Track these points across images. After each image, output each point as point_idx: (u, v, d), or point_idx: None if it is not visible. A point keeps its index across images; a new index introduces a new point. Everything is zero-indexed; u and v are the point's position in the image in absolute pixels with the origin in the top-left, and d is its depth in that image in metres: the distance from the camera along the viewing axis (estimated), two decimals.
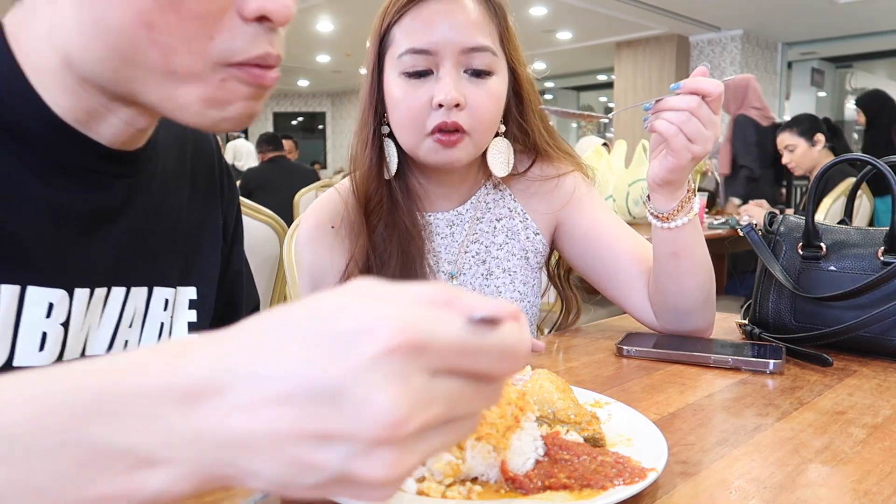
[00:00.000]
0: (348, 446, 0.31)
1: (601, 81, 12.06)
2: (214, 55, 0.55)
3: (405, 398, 0.31)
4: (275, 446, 0.31)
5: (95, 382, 0.33)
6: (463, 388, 0.33)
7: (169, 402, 0.32)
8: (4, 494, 0.32)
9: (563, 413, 0.61)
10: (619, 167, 3.46)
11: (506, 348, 0.34)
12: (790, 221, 1.08)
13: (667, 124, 0.90)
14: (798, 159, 3.78)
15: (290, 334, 0.32)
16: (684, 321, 1.05)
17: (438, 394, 0.32)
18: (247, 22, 0.55)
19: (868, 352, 0.96)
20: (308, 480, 0.32)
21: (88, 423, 0.32)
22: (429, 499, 0.50)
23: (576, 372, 0.90)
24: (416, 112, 1.02)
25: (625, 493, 0.50)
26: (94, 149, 0.63)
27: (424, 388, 0.32)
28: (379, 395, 0.30)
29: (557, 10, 7.76)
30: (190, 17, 0.53)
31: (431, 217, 1.15)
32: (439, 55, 1.01)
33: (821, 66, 9.97)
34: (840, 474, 0.58)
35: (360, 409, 0.31)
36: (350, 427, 0.31)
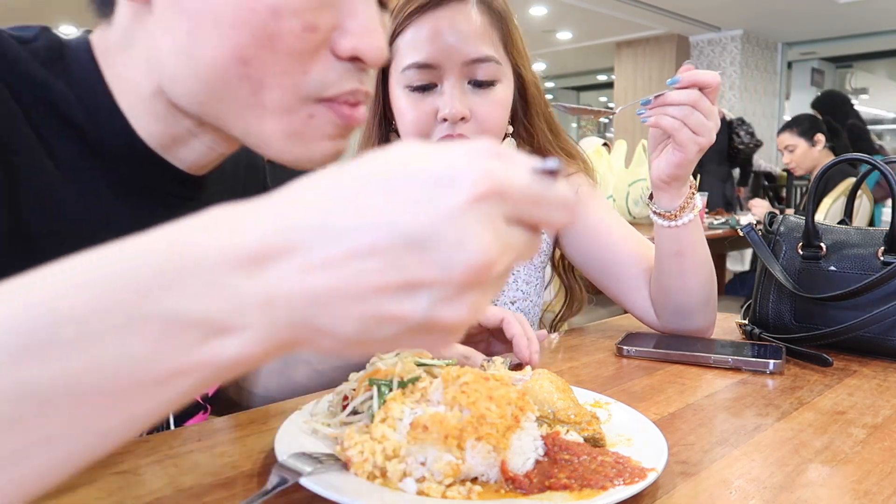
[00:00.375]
0: (437, 292, 0.31)
1: (601, 81, 12.06)
2: (306, 90, 0.55)
3: (494, 242, 0.32)
4: (358, 300, 0.31)
5: (158, 254, 0.32)
6: (527, 237, 0.35)
7: (234, 267, 0.31)
8: (82, 381, 0.31)
9: (563, 413, 0.61)
10: (619, 167, 3.46)
11: (565, 198, 0.35)
12: (790, 221, 1.08)
13: (671, 119, 0.90)
14: (798, 159, 3.78)
15: (367, 185, 0.32)
16: (686, 321, 1.05)
17: (513, 240, 0.33)
18: (339, 60, 0.55)
19: (868, 352, 0.96)
20: (386, 332, 0.32)
21: (155, 297, 0.31)
22: (429, 499, 0.50)
23: (576, 372, 0.90)
24: (422, 125, 1.03)
25: (625, 493, 0.50)
26: (171, 172, 0.64)
27: (505, 234, 0.33)
28: (473, 239, 0.31)
29: (557, 10, 7.76)
30: (286, 53, 0.53)
31: None
32: (442, 68, 1.01)
33: (821, 66, 9.97)
34: (840, 474, 0.58)
35: (454, 254, 0.31)
36: (441, 273, 0.31)
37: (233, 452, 0.62)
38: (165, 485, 0.55)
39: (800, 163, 3.79)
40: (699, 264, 1.01)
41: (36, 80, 0.58)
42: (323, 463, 0.54)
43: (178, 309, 0.31)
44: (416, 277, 0.31)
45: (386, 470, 0.52)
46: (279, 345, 0.33)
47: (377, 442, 0.54)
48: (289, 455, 0.54)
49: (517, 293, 1.16)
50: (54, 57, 0.60)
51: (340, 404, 0.63)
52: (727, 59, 8.58)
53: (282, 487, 0.49)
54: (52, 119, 0.59)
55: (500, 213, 0.33)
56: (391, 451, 0.53)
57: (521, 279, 1.16)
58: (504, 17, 1.08)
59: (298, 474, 0.51)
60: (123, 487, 0.54)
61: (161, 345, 0.31)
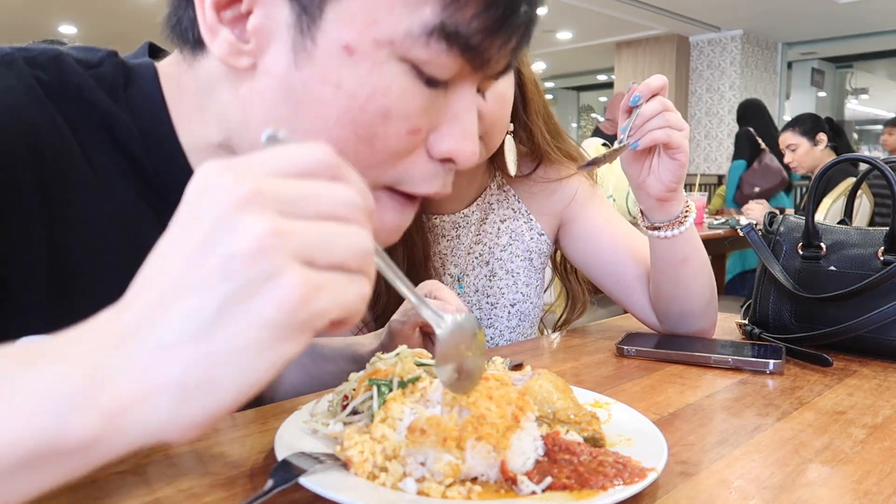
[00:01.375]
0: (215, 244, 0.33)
1: (601, 81, 12.06)
2: (386, 179, 0.55)
3: (264, 217, 0.33)
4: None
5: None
6: (321, 225, 0.35)
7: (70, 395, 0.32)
8: None
9: (563, 413, 0.61)
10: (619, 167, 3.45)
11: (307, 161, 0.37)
12: (790, 221, 1.08)
13: (659, 131, 0.90)
14: (800, 159, 3.78)
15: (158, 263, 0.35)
16: (690, 324, 1.05)
17: (295, 222, 0.34)
18: (431, 160, 0.55)
19: (868, 352, 0.96)
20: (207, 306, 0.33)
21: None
22: (429, 499, 0.50)
23: (576, 372, 0.90)
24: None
25: (625, 493, 0.50)
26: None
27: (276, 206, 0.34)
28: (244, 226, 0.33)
29: (557, 10, 7.75)
30: (382, 150, 0.52)
31: (437, 220, 1.14)
32: None
33: (821, 66, 9.97)
34: (840, 474, 0.58)
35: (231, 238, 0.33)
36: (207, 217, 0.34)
37: (233, 452, 0.62)
38: (165, 485, 0.55)
39: (802, 162, 3.79)
40: (701, 268, 1.01)
41: (98, 109, 0.57)
42: (323, 463, 0.54)
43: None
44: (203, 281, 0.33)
45: (386, 470, 0.52)
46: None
47: (377, 442, 0.54)
48: (289, 455, 0.54)
49: (517, 295, 1.15)
50: (119, 84, 0.59)
51: (340, 404, 0.63)
52: (727, 59, 8.58)
53: (282, 487, 0.49)
54: (112, 150, 0.57)
55: (259, 194, 0.34)
56: (391, 451, 0.53)
57: (520, 281, 1.16)
58: None
59: (298, 474, 0.51)
60: (123, 487, 0.54)
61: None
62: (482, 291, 1.15)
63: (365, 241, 0.37)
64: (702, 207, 3.74)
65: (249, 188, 0.34)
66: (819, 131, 3.74)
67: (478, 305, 1.16)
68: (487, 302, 1.15)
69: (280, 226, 0.33)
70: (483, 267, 1.15)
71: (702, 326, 1.05)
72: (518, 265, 1.16)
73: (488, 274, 1.15)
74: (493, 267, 1.15)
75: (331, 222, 0.36)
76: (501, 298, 1.15)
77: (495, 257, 1.15)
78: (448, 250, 1.14)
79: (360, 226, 0.37)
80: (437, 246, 1.14)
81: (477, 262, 1.15)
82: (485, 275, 1.15)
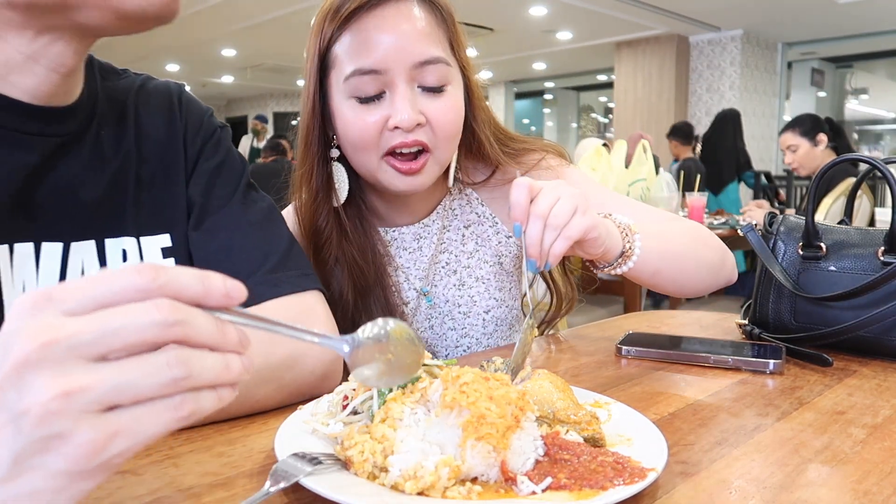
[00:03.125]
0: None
1: (601, 81, 12.05)
2: None
3: (26, 327, 0.35)
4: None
5: None
6: (126, 365, 0.36)
7: None
8: None
9: (563, 413, 0.61)
10: (619, 167, 3.46)
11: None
12: (790, 221, 1.08)
13: (557, 244, 0.80)
14: (801, 159, 3.77)
15: None
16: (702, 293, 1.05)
17: (93, 373, 0.35)
18: None
19: (868, 352, 0.96)
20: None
21: None
22: (429, 499, 0.50)
23: (576, 372, 0.90)
24: (371, 135, 0.94)
25: (625, 493, 0.50)
26: (13, 105, 0.63)
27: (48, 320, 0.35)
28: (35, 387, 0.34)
29: (557, 10, 7.75)
30: None
31: (396, 233, 1.10)
32: (389, 73, 0.92)
33: (821, 66, 9.97)
34: (840, 474, 0.58)
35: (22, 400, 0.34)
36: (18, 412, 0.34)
37: (233, 452, 0.62)
38: (165, 485, 0.55)
39: (802, 163, 3.78)
40: (683, 261, 0.99)
41: None
42: (323, 463, 0.54)
43: None
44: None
45: (386, 470, 0.52)
46: None
47: (377, 442, 0.54)
48: (289, 455, 0.54)
49: (490, 301, 1.11)
50: None
51: (340, 404, 0.63)
52: (727, 59, 8.58)
53: (282, 487, 0.49)
54: None
55: (60, 360, 0.34)
56: (391, 451, 0.53)
57: (492, 287, 1.11)
58: (448, 15, 0.99)
59: (298, 474, 0.51)
60: (123, 487, 0.54)
61: None
62: (453, 301, 1.10)
63: (177, 366, 0.36)
64: (701, 207, 3.74)
65: (40, 342, 0.34)
66: (819, 132, 3.74)
67: (450, 316, 1.10)
68: (460, 312, 1.10)
69: (68, 386, 0.34)
70: (451, 276, 1.10)
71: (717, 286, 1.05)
72: (488, 271, 1.11)
73: (457, 283, 1.10)
74: (461, 276, 1.10)
75: (139, 358, 0.36)
76: (474, 307, 1.10)
77: (462, 265, 1.10)
78: (411, 263, 1.10)
79: (184, 343, 0.37)
80: (399, 259, 1.09)
81: (444, 271, 1.10)
82: (454, 284, 1.10)
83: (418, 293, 1.10)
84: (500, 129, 1.11)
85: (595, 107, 13.29)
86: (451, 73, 0.97)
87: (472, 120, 1.05)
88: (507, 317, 1.14)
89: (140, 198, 0.76)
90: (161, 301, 0.37)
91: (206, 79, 11.77)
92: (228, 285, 0.39)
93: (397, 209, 1.10)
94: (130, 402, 0.36)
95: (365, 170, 0.99)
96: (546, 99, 13.47)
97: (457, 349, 1.12)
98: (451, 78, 0.97)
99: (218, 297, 0.38)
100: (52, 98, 0.66)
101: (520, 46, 9.44)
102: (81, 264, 0.70)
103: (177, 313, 0.37)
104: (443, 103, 0.96)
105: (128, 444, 0.36)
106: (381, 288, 1.06)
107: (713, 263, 1.05)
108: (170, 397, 0.37)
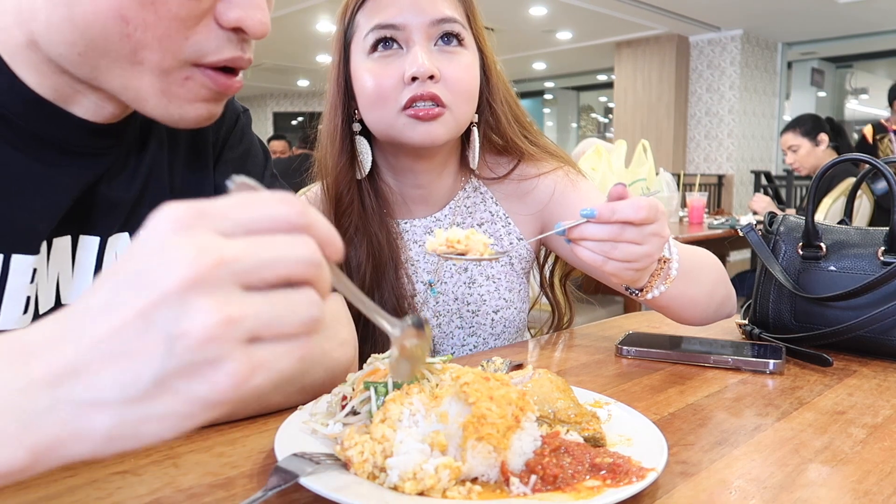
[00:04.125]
0: (164, 311, 0.33)
1: (601, 81, 12.06)
2: (185, 54, 0.57)
3: (193, 244, 0.33)
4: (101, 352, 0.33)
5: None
6: (278, 297, 0.35)
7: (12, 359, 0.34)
8: None
9: (563, 413, 0.61)
10: (619, 167, 3.45)
11: (277, 200, 0.36)
12: (790, 221, 1.08)
13: (590, 254, 0.79)
14: (802, 159, 3.77)
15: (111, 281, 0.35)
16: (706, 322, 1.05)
17: (236, 248, 0.34)
18: (222, 29, 0.57)
19: (868, 352, 0.96)
20: (145, 377, 0.33)
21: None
22: (429, 499, 0.50)
23: (576, 372, 0.90)
24: (388, 90, 0.97)
25: (625, 493, 0.50)
26: (77, 124, 0.64)
27: (217, 242, 0.34)
28: (169, 252, 0.33)
29: (557, 10, 7.75)
30: (168, 17, 0.54)
31: (408, 225, 1.11)
32: (407, 29, 0.97)
33: (821, 66, 9.97)
34: (840, 474, 0.58)
35: (158, 270, 0.33)
36: (157, 286, 0.33)
37: (233, 452, 0.62)
38: (165, 485, 0.55)
39: (803, 163, 3.78)
40: (696, 300, 0.98)
41: None
42: (323, 463, 0.54)
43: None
44: (141, 301, 0.33)
45: (386, 469, 0.52)
46: (39, 444, 0.33)
47: (377, 442, 0.54)
48: (288, 455, 0.54)
49: (499, 302, 1.11)
50: None
51: (339, 404, 0.63)
52: (727, 59, 8.58)
53: (282, 487, 0.49)
54: None
55: (207, 227, 0.34)
56: (391, 451, 0.53)
57: (503, 287, 1.11)
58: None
59: (298, 474, 0.51)
60: (123, 487, 0.54)
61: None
62: (462, 299, 1.10)
63: (314, 306, 0.36)
64: (701, 207, 3.74)
65: (206, 264, 0.33)
66: (820, 132, 3.74)
67: (458, 314, 1.11)
68: (468, 310, 1.11)
69: (231, 313, 0.33)
70: (461, 273, 1.10)
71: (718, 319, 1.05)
72: (498, 270, 1.11)
73: (467, 281, 1.10)
74: (471, 273, 1.10)
75: (284, 292, 0.36)
76: (483, 305, 1.11)
77: (473, 263, 1.10)
78: (420, 256, 1.10)
79: (314, 287, 0.37)
80: (409, 252, 1.10)
81: (454, 268, 1.10)
82: (464, 282, 1.10)
83: (425, 285, 1.11)
84: (519, 109, 1.12)
85: (595, 107, 13.29)
86: (467, 38, 1.01)
87: (488, 95, 1.07)
88: (516, 319, 1.14)
89: (174, 184, 0.76)
90: (308, 239, 0.36)
91: None
92: (339, 243, 0.39)
93: (411, 196, 1.11)
94: (273, 336, 0.35)
95: (383, 127, 1.00)
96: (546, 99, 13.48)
97: (463, 348, 1.12)
98: (467, 43, 1.01)
99: (335, 250, 0.39)
100: (109, 119, 0.67)
101: (520, 46, 9.44)
102: (115, 257, 0.71)
103: (319, 255, 0.37)
104: (458, 62, 0.99)
105: (262, 379, 0.35)
106: (395, 271, 1.07)
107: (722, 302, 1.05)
108: (304, 336, 0.36)
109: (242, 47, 0.59)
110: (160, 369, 0.33)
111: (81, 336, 0.34)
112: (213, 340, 0.33)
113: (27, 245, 0.62)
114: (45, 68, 0.60)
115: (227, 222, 0.35)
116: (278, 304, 0.35)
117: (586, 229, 0.78)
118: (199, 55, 0.57)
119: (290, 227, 0.36)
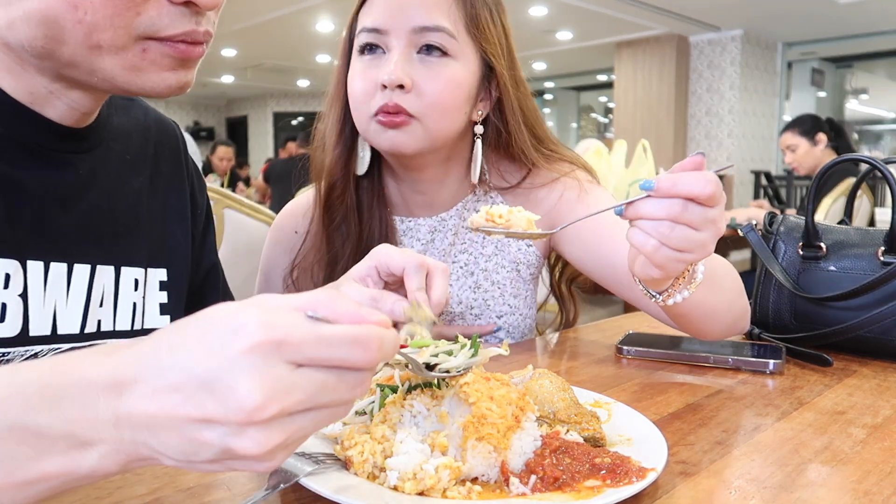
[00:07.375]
0: (224, 427, 0.37)
1: (601, 81, 12.05)
2: (138, 29, 0.58)
3: (263, 386, 0.36)
4: (172, 426, 0.37)
5: (40, 375, 0.39)
6: (325, 378, 0.39)
7: (98, 391, 0.38)
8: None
9: (563, 413, 0.61)
10: (620, 167, 3.46)
11: (353, 338, 0.39)
12: (790, 221, 1.08)
13: (643, 236, 0.68)
14: (800, 159, 3.77)
15: (188, 333, 0.39)
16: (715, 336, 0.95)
17: (300, 382, 0.38)
18: (173, 4, 0.59)
19: (868, 352, 0.96)
20: (203, 456, 0.38)
21: (34, 411, 0.38)
22: (429, 499, 0.50)
23: (576, 372, 0.90)
24: (365, 93, 0.98)
25: (625, 493, 0.50)
26: (48, 126, 0.65)
27: (285, 378, 0.37)
28: (242, 384, 0.36)
29: (557, 10, 7.75)
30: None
31: (412, 223, 1.11)
32: (390, 34, 0.97)
33: (821, 66, 9.96)
34: (840, 474, 0.58)
35: (229, 396, 0.36)
36: (223, 411, 0.37)
37: None
38: (165, 485, 0.55)
39: (802, 162, 3.78)
40: (715, 308, 0.88)
41: None
42: (323, 463, 0.54)
43: (51, 423, 0.38)
44: (207, 413, 0.37)
45: (386, 469, 0.52)
46: (129, 459, 0.39)
47: (377, 442, 0.54)
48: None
49: (504, 307, 1.10)
50: None
51: None
52: (727, 59, 8.57)
53: (282, 487, 0.49)
54: None
55: (281, 358, 0.37)
56: (391, 451, 0.53)
57: (507, 293, 1.10)
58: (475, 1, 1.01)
59: (298, 474, 0.51)
60: (123, 487, 0.54)
61: (32, 451, 0.38)
62: (466, 304, 1.09)
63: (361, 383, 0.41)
64: None
65: (270, 411, 0.37)
66: (819, 131, 3.73)
67: (462, 318, 1.10)
68: (472, 314, 1.10)
69: (283, 441, 0.38)
70: (467, 278, 1.10)
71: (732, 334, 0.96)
72: (505, 276, 1.10)
73: (473, 285, 1.09)
74: (477, 278, 1.09)
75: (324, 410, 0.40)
76: (487, 310, 1.10)
77: (480, 268, 1.10)
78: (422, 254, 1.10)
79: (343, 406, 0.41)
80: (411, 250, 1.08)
81: (462, 272, 1.10)
82: (469, 286, 1.09)
83: None
84: (534, 119, 1.09)
85: (595, 107, 13.28)
86: (455, 47, 0.98)
87: (499, 111, 1.05)
88: (521, 325, 1.12)
89: (151, 231, 0.79)
90: (368, 377, 0.41)
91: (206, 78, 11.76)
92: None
93: (413, 198, 1.11)
94: (300, 438, 0.40)
95: (361, 129, 1.02)
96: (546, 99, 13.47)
97: None
98: (455, 52, 0.98)
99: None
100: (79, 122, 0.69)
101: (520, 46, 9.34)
102: (103, 289, 0.72)
103: (364, 386, 0.41)
104: (437, 73, 0.97)
105: (283, 457, 0.40)
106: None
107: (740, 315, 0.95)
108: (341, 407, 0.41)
109: (197, 20, 0.61)
110: (210, 458, 0.38)
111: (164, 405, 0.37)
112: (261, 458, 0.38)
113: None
114: (19, 69, 0.62)
115: (301, 356, 0.38)
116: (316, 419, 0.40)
117: (642, 206, 0.67)
118: (152, 30, 0.59)
119: (362, 364, 0.40)
